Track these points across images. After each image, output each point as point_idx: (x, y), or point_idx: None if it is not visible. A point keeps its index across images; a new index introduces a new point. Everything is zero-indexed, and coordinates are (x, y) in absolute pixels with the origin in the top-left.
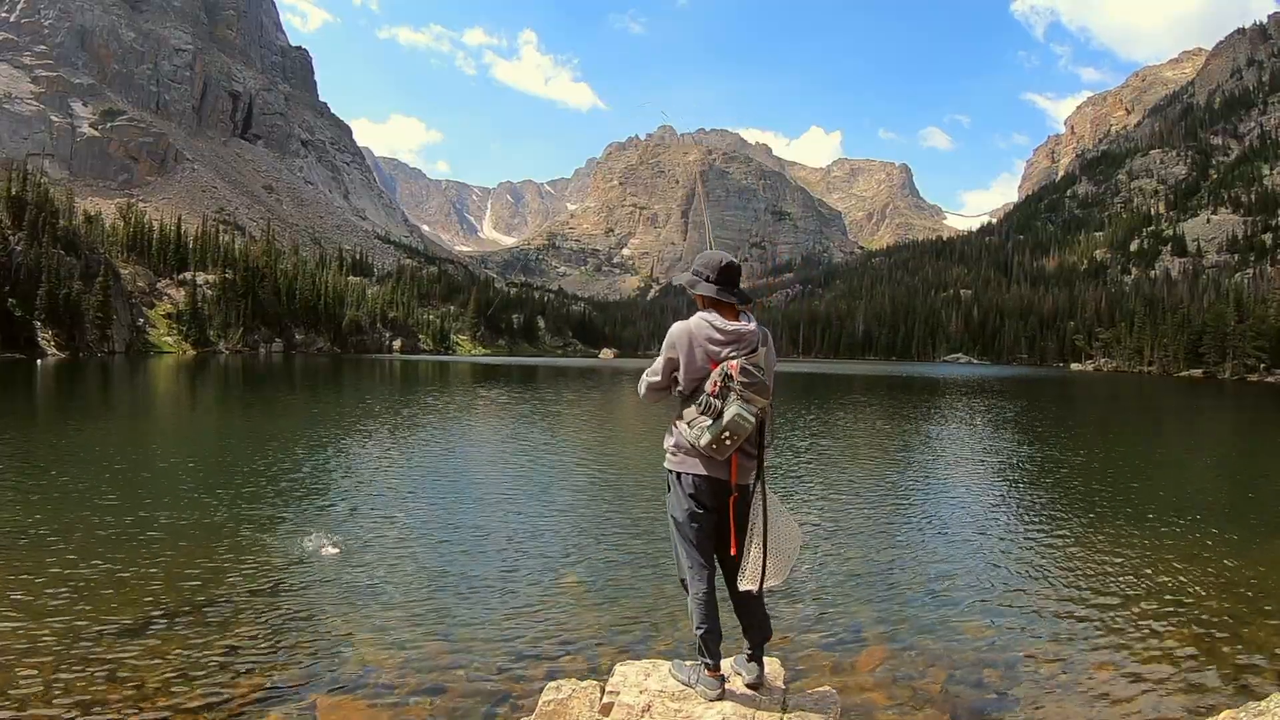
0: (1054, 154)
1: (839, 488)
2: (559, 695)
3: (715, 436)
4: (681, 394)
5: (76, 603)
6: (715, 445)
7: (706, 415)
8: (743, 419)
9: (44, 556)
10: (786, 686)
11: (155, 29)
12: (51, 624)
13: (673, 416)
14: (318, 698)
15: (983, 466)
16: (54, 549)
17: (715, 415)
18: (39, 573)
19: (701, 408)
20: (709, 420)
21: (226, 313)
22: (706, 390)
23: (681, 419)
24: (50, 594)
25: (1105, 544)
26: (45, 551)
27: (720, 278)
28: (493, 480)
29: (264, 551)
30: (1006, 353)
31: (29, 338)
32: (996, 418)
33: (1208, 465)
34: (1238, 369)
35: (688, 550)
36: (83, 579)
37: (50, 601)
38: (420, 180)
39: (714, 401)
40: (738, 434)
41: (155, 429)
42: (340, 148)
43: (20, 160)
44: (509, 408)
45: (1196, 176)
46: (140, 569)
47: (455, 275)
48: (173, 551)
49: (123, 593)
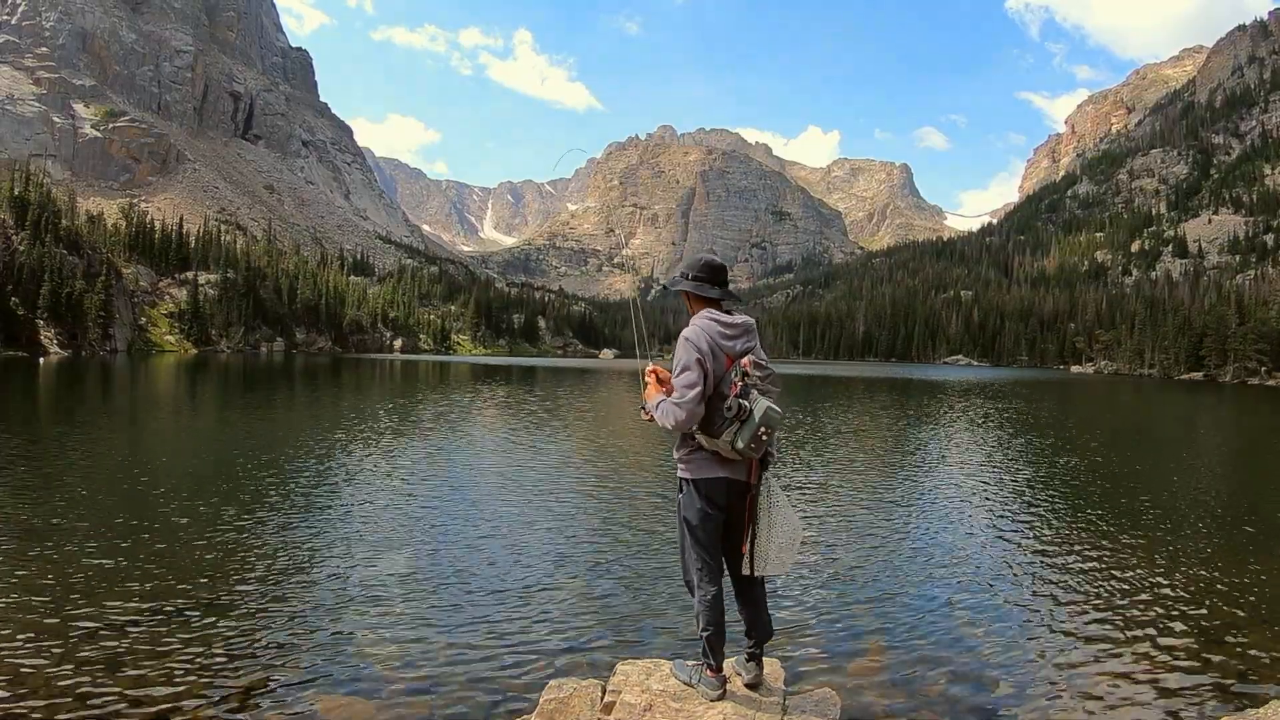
0: (1054, 153)
1: (839, 489)
2: (560, 694)
3: (752, 435)
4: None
5: (75, 600)
6: (754, 445)
7: (734, 419)
8: (773, 410)
9: (44, 554)
10: (786, 687)
11: (156, 30)
12: (50, 622)
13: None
14: (318, 697)
15: (983, 469)
16: (54, 547)
17: (745, 416)
18: (39, 571)
19: (729, 411)
20: (738, 424)
21: (228, 312)
22: (728, 393)
23: (699, 433)
24: (50, 592)
25: (1105, 548)
26: (45, 550)
27: (707, 275)
28: (493, 479)
29: (264, 550)
30: (1007, 354)
31: (31, 336)
32: (997, 420)
33: (1208, 469)
34: (1239, 372)
35: (699, 552)
36: (82, 577)
37: (49, 599)
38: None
39: (740, 402)
40: (772, 427)
41: (156, 427)
42: (341, 148)
43: (23, 161)
44: (509, 408)
45: (1198, 176)
46: (139, 568)
47: (456, 275)
48: (172, 550)
49: (121, 591)
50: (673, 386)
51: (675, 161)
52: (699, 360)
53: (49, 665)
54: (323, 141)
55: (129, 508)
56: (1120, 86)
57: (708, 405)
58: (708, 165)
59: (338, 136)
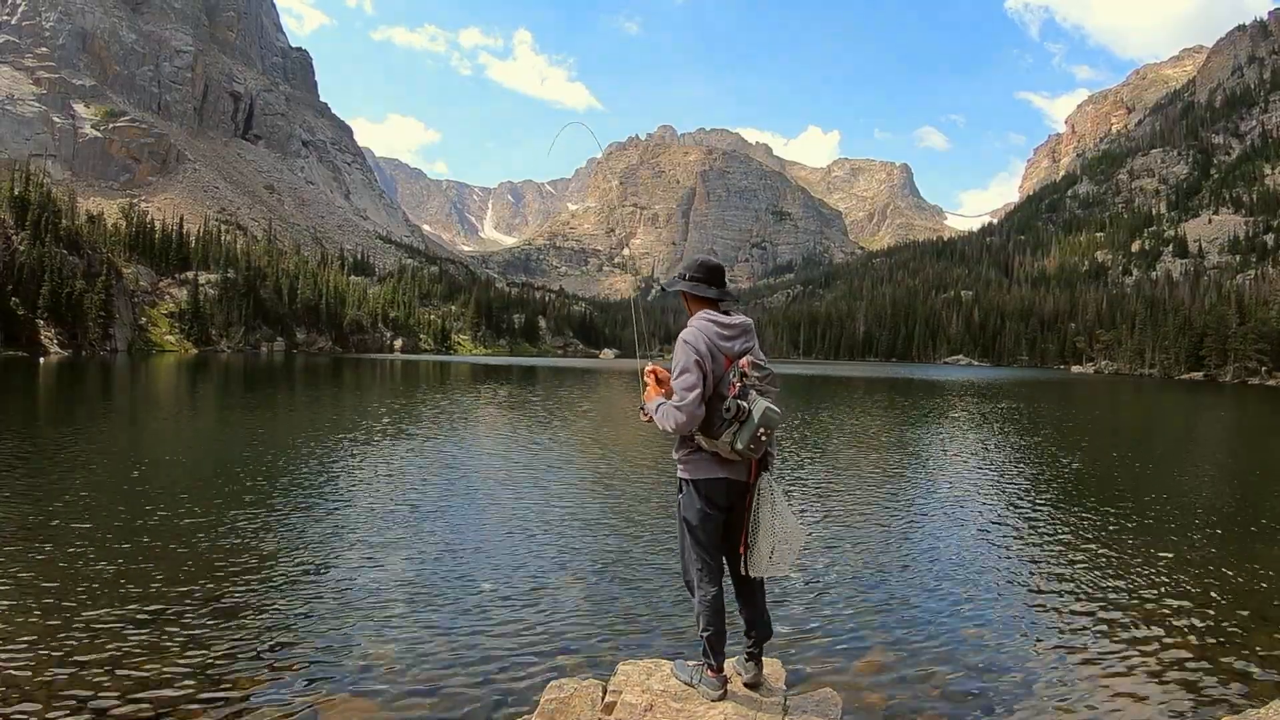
0: (1055, 153)
1: (840, 489)
2: (560, 694)
3: (752, 435)
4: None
5: (76, 600)
6: (753, 445)
7: (733, 420)
8: (772, 410)
9: (44, 555)
10: (787, 687)
11: (156, 30)
12: (51, 621)
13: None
14: (318, 697)
15: (983, 470)
16: (55, 546)
17: (744, 417)
18: (40, 570)
19: (728, 413)
20: (737, 425)
21: (228, 312)
22: (727, 394)
23: (698, 434)
24: (50, 591)
25: (1107, 548)
26: (46, 549)
27: (704, 276)
28: (494, 479)
29: (264, 551)
30: (1007, 354)
31: (32, 336)
32: (997, 421)
33: (1209, 469)
34: (1239, 372)
35: (699, 553)
36: (82, 576)
37: (50, 599)
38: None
39: (738, 403)
40: (770, 427)
41: (156, 427)
42: (341, 148)
43: (23, 161)
44: (509, 408)
45: (1198, 176)
46: (139, 567)
47: (456, 275)
48: (172, 550)
49: (121, 591)
50: (672, 388)
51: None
52: (698, 362)
53: (49, 666)
54: (323, 141)
55: (129, 508)
56: (1120, 86)
57: (707, 406)
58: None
59: (338, 136)
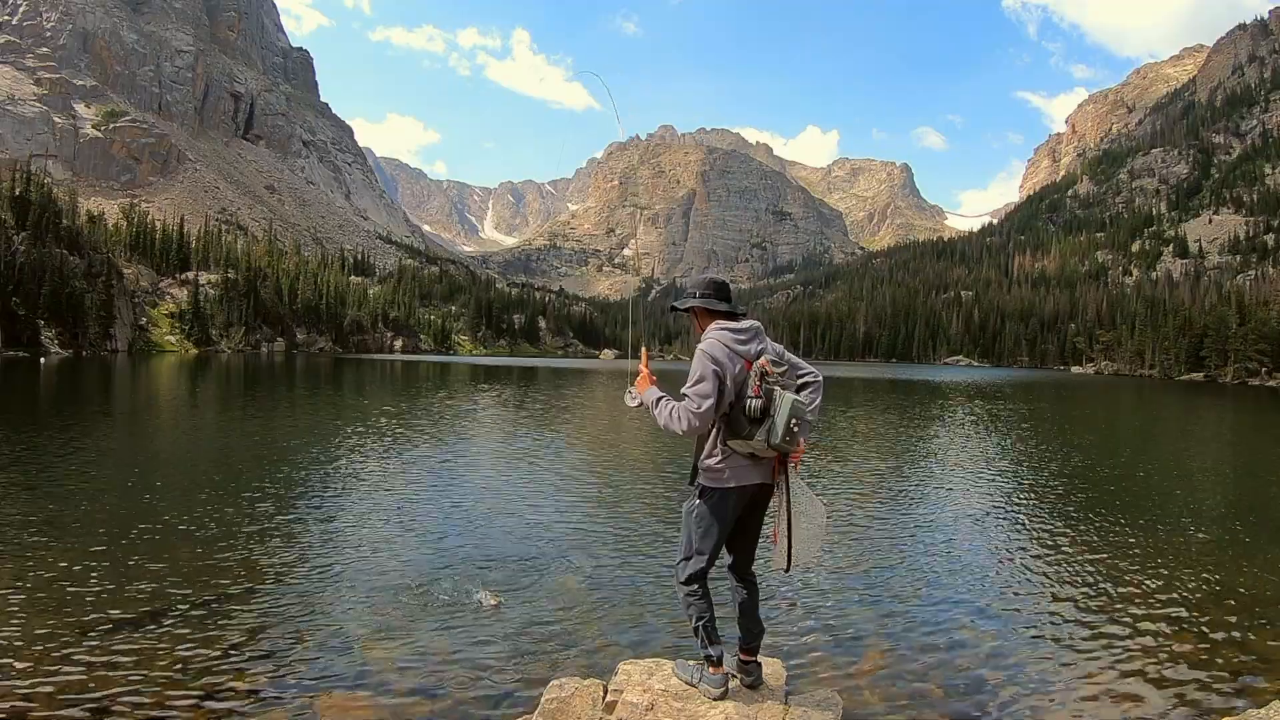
0: (1055, 153)
1: (840, 490)
2: (561, 693)
3: (785, 428)
4: (723, 415)
5: (76, 599)
6: (788, 437)
7: (762, 417)
8: (799, 402)
9: (45, 553)
10: (787, 687)
11: (157, 31)
12: (51, 620)
13: (717, 441)
14: (318, 696)
15: (984, 470)
16: (56, 545)
17: (773, 411)
18: (41, 569)
19: (750, 413)
20: (769, 421)
21: (228, 312)
22: (750, 395)
23: (725, 441)
24: (50, 590)
25: (1106, 549)
26: (47, 548)
27: (714, 291)
28: (494, 479)
29: (264, 550)
30: (1007, 355)
31: (32, 336)
32: (997, 421)
33: (1208, 470)
34: (1239, 372)
35: (706, 545)
36: (82, 576)
37: (50, 597)
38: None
39: (761, 402)
40: (801, 416)
41: (156, 427)
42: (341, 148)
43: (24, 161)
44: (509, 408)
45: (1198, 175)
46: (139, 567)
47: (456, 275)
48: (172, 549)
49: (121, 590)
50: (685, 393)
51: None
52: (715, 371)
53: (49, 665)
54: (323, 141)
55: (129, 507)
56: (1121, 86)
57: (731, 409)
58: (708, 165)
59: (338, 136)
